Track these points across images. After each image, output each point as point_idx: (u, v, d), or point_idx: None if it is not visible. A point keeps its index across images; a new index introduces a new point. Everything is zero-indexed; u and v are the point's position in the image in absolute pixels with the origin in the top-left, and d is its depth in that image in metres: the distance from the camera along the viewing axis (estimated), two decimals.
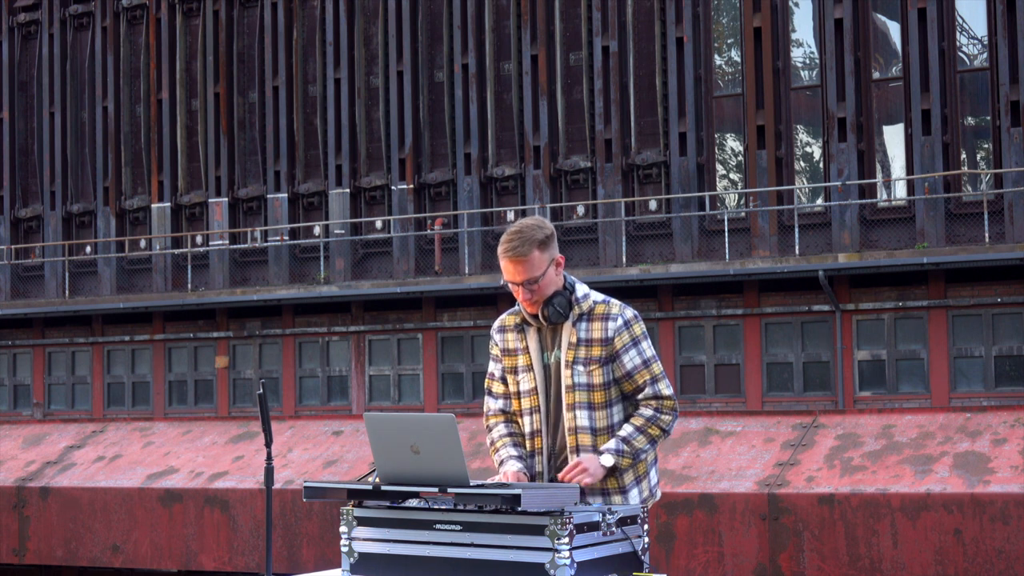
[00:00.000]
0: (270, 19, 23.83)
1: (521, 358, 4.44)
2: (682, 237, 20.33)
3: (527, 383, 4.42)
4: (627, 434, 4.30)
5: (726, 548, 10.63)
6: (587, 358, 4.33)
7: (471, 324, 21.33)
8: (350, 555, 4.07)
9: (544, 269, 4.30)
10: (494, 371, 4.54)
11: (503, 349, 4.50)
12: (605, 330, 4.34)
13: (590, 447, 4.32)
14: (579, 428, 4.33)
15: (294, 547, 12.58)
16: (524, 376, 4.43)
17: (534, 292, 4.31)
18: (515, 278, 4.30)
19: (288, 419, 15.18)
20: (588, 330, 4.35)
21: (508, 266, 4.31)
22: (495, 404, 4.53)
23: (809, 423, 11.57)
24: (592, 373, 4.33)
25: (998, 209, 18.64)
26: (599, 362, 4.32)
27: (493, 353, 4.54)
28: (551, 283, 4.33)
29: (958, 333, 18.52)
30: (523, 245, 4.27)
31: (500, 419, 4.51)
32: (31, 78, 26.19)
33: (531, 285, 4.30)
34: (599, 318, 4.35)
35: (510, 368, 4.47)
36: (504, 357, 4.50)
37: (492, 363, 4.55)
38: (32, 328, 25.03)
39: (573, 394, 4.33)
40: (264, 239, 23.44)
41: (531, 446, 4.43)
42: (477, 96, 21.97)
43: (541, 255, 4.29)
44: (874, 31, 19.68)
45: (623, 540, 3.97)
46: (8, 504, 14.13)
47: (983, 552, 9.96)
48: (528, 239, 4.28)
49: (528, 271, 4.28)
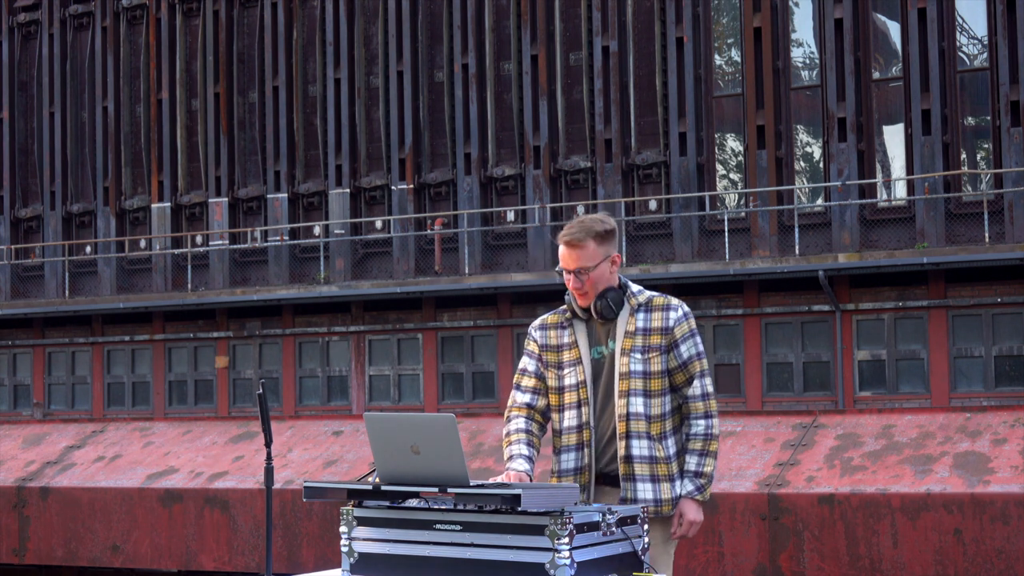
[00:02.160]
0: (270, 19, 23.82)
1: (567, 353, 4.48)
2: (682, 237, 20.33)
3: (574, 376, 4.45)
4: (697, 467, 4.45)
5: (726, 548, 10.63)
6: (645, 346, 4.41)
7: (471, 324, 21.33)
8: (350, 555, 4.07)
9: (598, 262, 4.39)
10: (527, 366, 4.57)
11: (543, 345, 4.54)
12: (666, 319, 4.43)
13: (645, 433, 4.39)
14: (632, 415, 4.39)
15: (294, 547, 12.58)
16: (571, 370, 4.46)
17: (583, 283, 4.38)
18: (568, 264, 4.39)
19: (288, 419, 15.17)
20: (648, 319, 4.44)
21: (564, 252, 4.40)
22: (521, 398, 4.55)
23: (809, 423, 11.57)
24: (650, 360, 4.40)
25: (998, 209, 18.64)
26: (659, 350, 4.41)
27: (529, 349, 4.58)
28: (603, 278, 4.42)
29: (958, 333, 18.52)
30: (581, 232, 4.38)
31: (523, 412, 4.53)
32: (31, 78, 26.19)
33: (582, 275, 4.37)
34: (659, 308, 4.45)
35: (553, 363, 4.50)
36: (546, 353, 4.52)
37: (526, 359, 4.58)
38: (32, 328, 25.03)
39: (628, 381, 4.39)
40: (264, 239, 23.44)
41: (578, 439, 4.45)
42: (477, 96, 21.96)
43: (597, 248, 4.39)
44: (874, 31, 19.68)
45: (623, 540, 3.97)
46: (8, 504, 14.13)
47: (983, 552, 9.96)
48: (587, 229, 4.38)
49: (581, 259, 4.36)
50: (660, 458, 4.40)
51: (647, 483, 4.38)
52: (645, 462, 4.38)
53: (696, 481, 4.43)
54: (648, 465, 4.38)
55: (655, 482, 4.38)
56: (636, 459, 4.38)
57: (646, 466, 4.38)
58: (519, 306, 21.00)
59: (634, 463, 4.38)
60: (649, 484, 4.38)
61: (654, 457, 4.39)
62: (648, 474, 4.38)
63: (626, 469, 4.38)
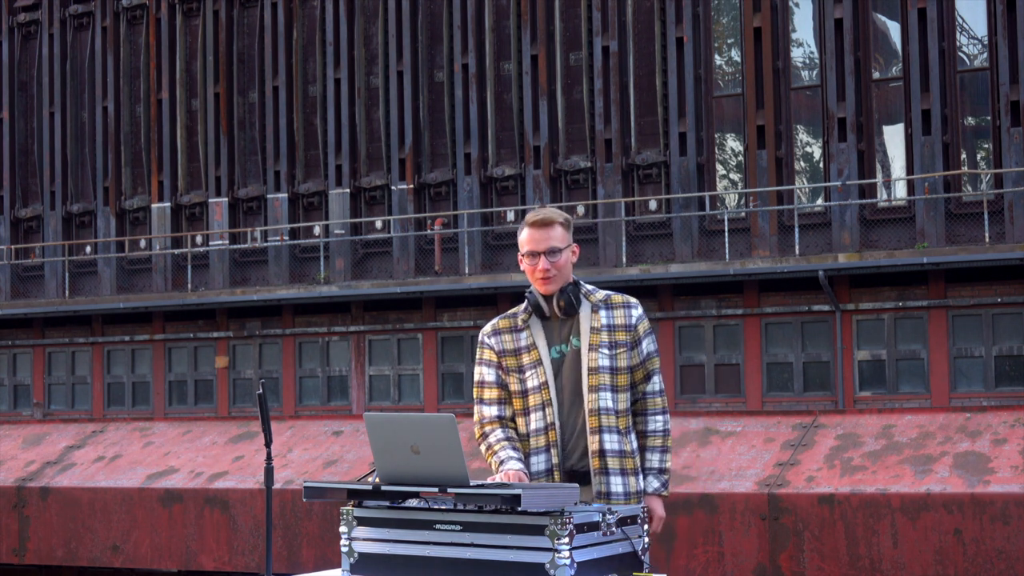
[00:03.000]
0: (270, 19, 23.82)
1: (526, 356, 4.48)
2: (682, 237, 20.33)
3: (536, 379, 4.46)
4: (660, 463, 4.54)
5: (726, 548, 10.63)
6: (612, 342, 4.45)
7: (471, 324, 21.33)
8: (350, 555, 4.07)
9: (565, 245, 4.45)
10: (485, 377, 4.54)
11: (500, 351, 4.52)
12: (628, 316, 4.49)
13: (615, 427, 4.43)
14: (603, 409, 4.42)
15: (294, 547, 12.58)
16: (532, 372, 4.47)
17: (553, 265, 4.41)
18: (538, 246, 4.41)
19: (288, 419, 15.17)
20: (611, 316, 4.48)
21: (533, 234, 4.43)
22: (489, 411, 4.53)
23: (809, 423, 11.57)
24: (618, 356, 4.45)
25: (998, 209, 18.64)
26: (625, 346, 4.47)
27: (485, 358, 4.55)
28: (567, 266, 4.47)
29: (958, 333, 18.52)
30: (551, 214, 4.45)
31: (496, 425, 4.51)
32: (31, 78, 26.19)
33: (552, 256, 4.40)
34: (620, 306, 4.50)
35: (514, 368, 4.50)
36: (504, 358, 4.51)
37: (483, 368, 4.55)
38: (32, 328, 25.03)
39: (597, 376, 4.43)
40: (264, 239, 23.44)
41: (545, 440, 4.45)
42: (477, 96, 21.97)
43: (564, 232, 4.45)
44: (874, 31, 19.68)
45: (623, 540, 3.97)
46: (8, 504, 14.13)
47: (983, 552, 9.96)
48: (555, 212, 4.48)
49: (552, 240, 4.41)
50: (628, 452, 4.45)
51: (618, 476, 4.41)
52: (616, 456, 4.42)
53: (661, 478, 4.51)
54: (619, 459, 4.43)
55: (624, 475, 4.43)
56: (608, 453, 4.42)
57: (616, 459, 4.42)
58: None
59: (607, 457, 4.41)
60: (619, 477, 4.42)
61: (623, 451, 4.43)
62: (619, 468, 4.42)
63: (599, 463, 4.41)
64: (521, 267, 4.50)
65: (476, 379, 4.57)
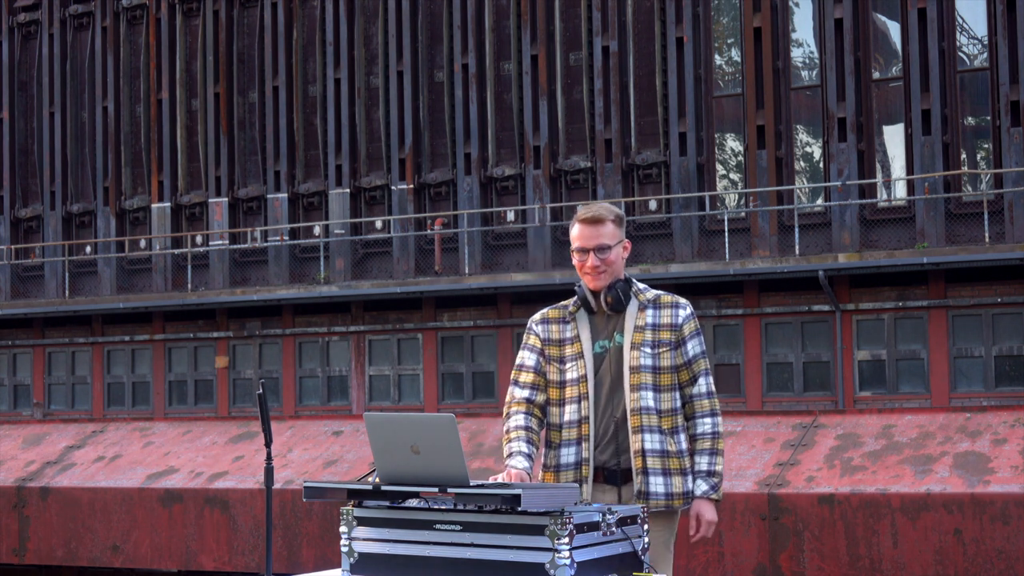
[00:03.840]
0: (270, 19, 23.82)
1: (569, 347, 4.49)
2: (682, 237, 20.33)
3: (576, 371, 4.46)
4: (708, 466, 4.49)
5: (726, 548, 10.63)
6: (656, 341, 4.45)
7: (471, 324, 21.33)
8: (350, 555, 4.07)
9: (616, 242, 4.45)
10: (525, 361, 4.56)
11: (546, 339, 4.54)
12: (675, 316, 4.49)
13: (656, 427, 4.41)
14: (644, 409, 4.41)
15: (294, 547, 12.58)
16: (573, 364, 4.47)
17: (603, 261, 4.41)
18: (588, 242, 4.41)
19: (288, 419, 15.17)
20: (657, 315, 4.49)
21: (583, 230, 4.43)
22: (520, 393, 4.54)
23: (809, 423, 11.57)
24: (661, 355, 4.45)
25: (998, 209, 18.64)
26: (668, 346, 4.46)
27: (530, 343, 4.56)
28: (618, 262, 4.47)
29: (958, 333, 18.52)
30: (601, 210, 4.44)
31: (522, 408, 4.52)
32: (31, 78, 26.19)
33: (602, 253, 4.41)
34: (668, 306, 4.51)
35: (556, 357, 4.51)
36: (548, 347, 4.53)
37: (525, 353, 4.57)
38: (32, 328, 25.03)
39: (639, 375, 4.42)
40: (264, 239, 23.44)
41: (577, 433, 4.46)
42: (477, 96, 21.96)
43: (615, 228, 4.45)
44: (874, 31, 19.68)
45: (623, 540, 3.97)
46: (8, 504, 14.13)
47: (983, 552, 9.96)
48: (606, 208, 4.46)
49: (602, 236, 4.41)
50: (672, 452, 4.42)
51: (659, 476, 4.40)
52: (657, 456, 4.40)
53: (710, 480, 4.47)
54: (660, 459, 4.41)
55: (667, 475, 4.41)
56: (649, 452, 4.40)
57: (658, 459, 4.41)
58: (519, 306, 21.00)
59: (647, 456, 4.40)
60: (661, 478, 4.40)
61: (666, 451, 4.42)
62: (660, 467, 4.41)
63: (640, 463, 4.40)
64: (573, 261, 4.51)
65: (517, 362, 4.59)
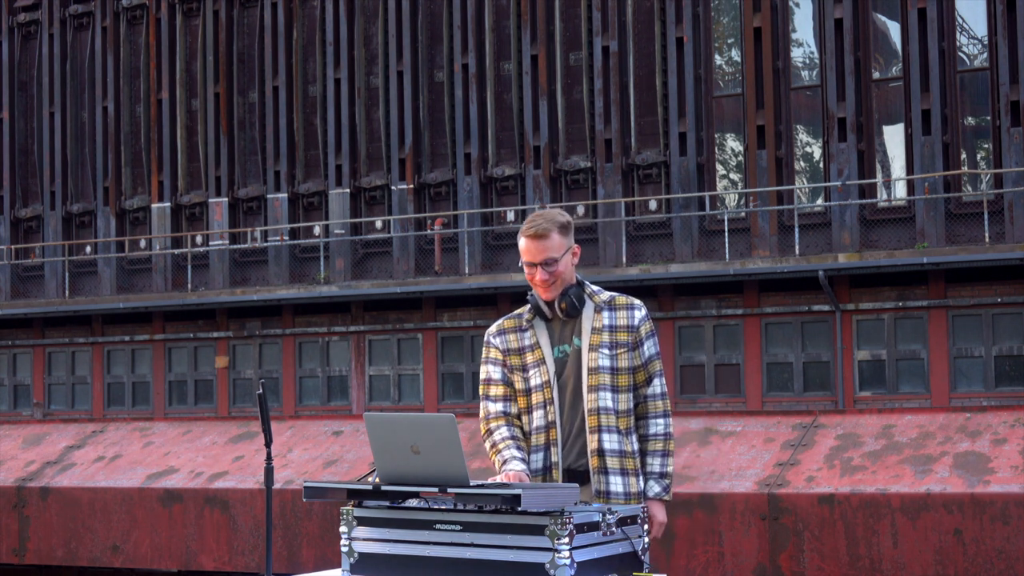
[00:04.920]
0: (270, 19, 23.82)
1: (530, 355, 4.51)
2: (682, 237, 20.33)
3: (539, 377, 4.48)
4: (661, 467, 4.52)
5: (726, 548, 10.63)
6: (613, 342, 4.46)
7: (471, 324, 21.33)
8: (350, 555, 4.07)
9: (563, 252, 4.44)
10: (491, 375, 4.57)
11: (505, 350, 4.56)
12: (631, 318, 4.49)
13: (614, 427, 4.43)
14: (602, 409, 4.42)
15: (294, 547, 12.58)
16: (536, 371, 4.49)
17: (551, 274, 4.42)
18: (534, 257, 4.42)
19: (288, 419, 15.17)
20: (613, 317, 4.49)
21: (529, 245, 4.43)
22: (495, 407, 4.55)
23: (809, 423, 11.57)
24: (619, 356, 4.46)
25: (998, 209, 18.64)
26: (626, 347, 4.47)
27: (491, 357, 4.58)
28: (568, 270, 4.47)
29: (958, 333, 18.52)
30: (545, 223, 4.42)
31: (501, 421, 4.53)
32: (31, 78, 26.19)
33: (549, 267, 4.41)
34: (623, 307, 4.51)
35: (518, 366, 4.53)
36: (509, 357, 4.54)
37: (489, 367, 4.58)
38: (32, 328, 25.03)
39: (597, 376, 4.43)
40: (264, 239, 23.44)
41: (545, 439, 4.47)
42: (477, 96, 21.96)
43: (561, 239, 4.44)
44: (874, 31, 19.68)
45: (623, 540, 3.97)
46: (8, 504, 14.13)
47: (983, 552, 9.96)
48: (550, 219, 4.44)
49: (548, 250, 4.40)
50: (628, 452, 4.45)
51: (617, 476, 4.42)
52: (616, 455, 4.43)
53: (662, 482, 4.51)
54: (618, 459, 4.43)
55: (624, 475, 4.43)
56: (608, 452, 4.42)
57: (616, 459, 4.43)
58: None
59: (606, 456, 4.42)
60: (619, 477, 4.42)
61: (623, 451, 4.44)
62: (619, 467, 4.43)
63: (598, 462, 4.42)
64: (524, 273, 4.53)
65: (482, 377, 4.61)
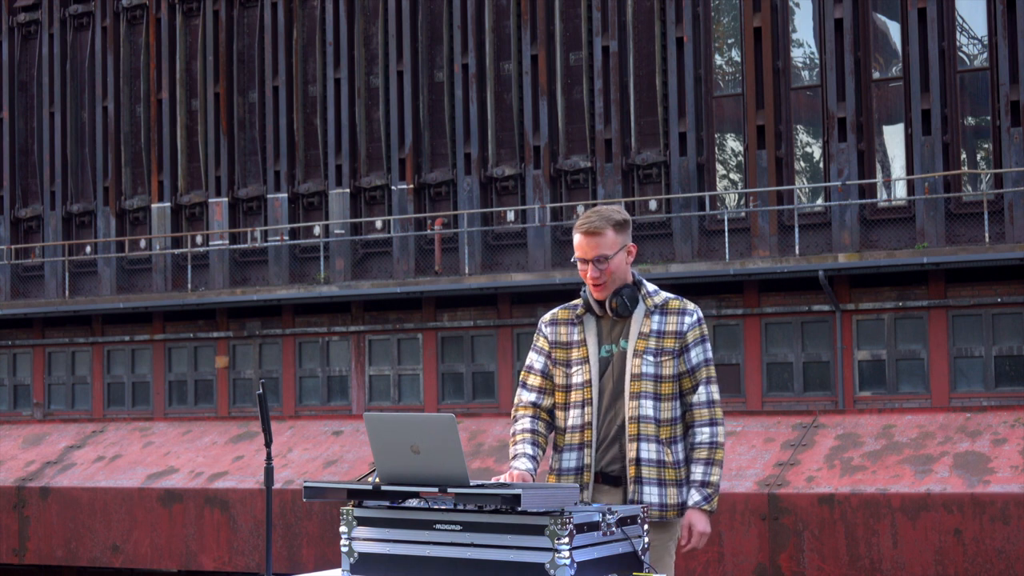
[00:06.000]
0: (270, 19, 23.82)
1: (576, 351, 4.44)
2: (682, 237, 20.33)
3: (581, 375, 4.42)
4: (703, 476, 4.39)
5: (726, 548, 10.63)
6: (659, 349, 4.38)
7: (471, 324, 21.33)
8: (350, 555, 4.07)
9: (616, 250, 4.35)
10: (533, 364, 4.52)
11: (553, 342, 4.49)
12: (680, 323, 4.41)
13: (653, 437, 4.35)
14: (643, 418, 4.35)
15: (294, 547, 12.58)
16: (578, 368, 4.43)
17: (603, 272, 4.33)
18: (587, 254, 4.34)
19: (288, 419, 15.17)
20: (663, 322, 4.40)
21: (582, 241, 4.35)
22: (527, 396, 4.51)
23: (809, 423, 11.57)
24: (663, 364, 4.38)
25: (998, 209, 18.65)
26: (671, 354, 4.39)
27: (539, 345, 4.52)
28: (621, 269, 4.38)
29: (958, 333, 18.52)
30: (599, 220, 4.34)
31: (529, 412, 4.49)
32: (31, 78, 26.19)
33: (601, 264, 4.33)
34: (675, 312, 4.43)
35: (562, 361, 4.47)
36: (555, 350, 4.48)
37: (533, 355, 4.53)
38: (32, 328, 25.03)
39: (639, 383, 4.36)
40: (264, 239, 23.44)
41: (580, 439, 4.42)
42: (477, 96, 21.97)
43: (615, 236, 4.35)
44: (874, 31, 19.68)
45: (623, 540, 3.97)
46: (8, 504, 14.13)
47: (983, 552, 9.96)
48: (605, 217, 4.35)
49: (600, 247, 4.32)
50: (668, 462, 4.37)
51: (654, 487, 4.35)
52: (653, 465, 4.36)
53: (703, 491, 4.38)
54: (656, 468, 4.36)
55: (661, 486, 4.36)
56: (644, 462, 4.35)
57: (654, 469, 4.36)
58: (519, 306, 21.00)
59: (642, 466, 4.35)
60: (656, 488, 4.35)
61: (662, 461, 4.37)
62: (655, 478, 4.36)
63: (634, 471, 4.36)
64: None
65: (526, 363, 4.56)
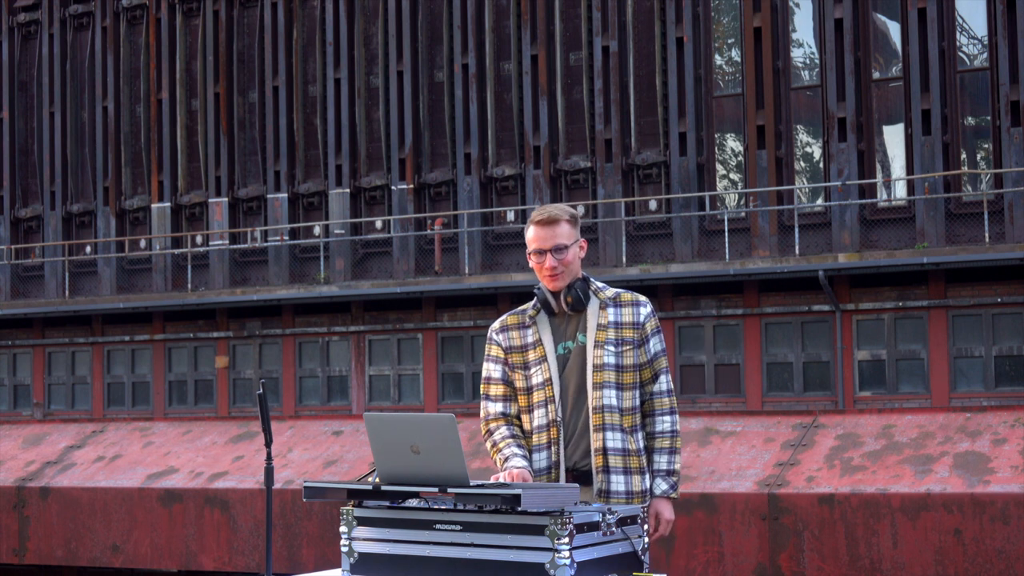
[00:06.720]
0: (270, 19, 23.83)
1: (532, 352, 4.49)
2: (682, 237, 20.33)
3: (541, 375, 4.46)
4: (668, 465, 4.48)
5: (726, 548, 10.63)
6: (619, 339, 4.44)
7: (471, 324, 21.33)
8: (350, 555, 4.07)
9: (572, 242, 4.44)
10: (492, 374, 4.55)
11: (507, 348, 4.53)
12: (637, 314, 4.47)
13: (618, 426, 4.40)
14: (607, 407, 4.40)
15: (294, 547, 12.58)
16: (537, 368, 4.47)
17: (560, 262, 4.41)
18: (544, 244, 4.41)
19: (288, 419, 15.17)
20: (619, 314, 4.46)
21: (539, 232, 4.43)
22: (494, 407, 4.54)
23: (809, 423, 11.58)
24: (624, 354, 4.43)
25: (998, 209, 18.65)
26: (632, 344, 4.45)
27: (492, 354, 4.56)
28: (575, 263, 4.46)
29: (958, 333, 18.52)
30: (556, 211, 4.45)
31: (501, 422, 4.52)
32: (31, 78, 26.20)
33: (559, 254, 4.41)
34: (629, 304, 4.49)
35: (520, 364, 4.50)
36: (510, 355, 4.52)
37: (490, 365, 4.56)
38: (32, 328, 25.03)
39: (602, 373, 4.41)
40: (264, 239, 23.44)
41: (547, 437, 4.45)
42: (477, 96, 21.97)
43: (570, 228, 4.45)
44: (874, 31, 19.68)
45: (623, 540, 3.97)
46: (8, 504, 14.13)
47: (983, 552, 9.96)
48: (560, 208, 4.47)
49: (558, 237, 4.41)
50: (632, 450, 4.42)
51: (620, 475, 4.39)
52: (619, 454, 4.40)
53: (669, 480, 4.46)
54: (621, 457, 4.41)
55: (627, 474, 4.41)
56: (611, 451, 4.40)
57: (619, 458, 4.40)
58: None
59: (609, 455, 4.40)
60: (622, 476, 4.39)
61: (627, 449, 4.42)
62: (621, 466, 4.40)
63: (601, 461, 4.40)
64: (530, 264, 4.51)
65: (483, 375, 4.59)
